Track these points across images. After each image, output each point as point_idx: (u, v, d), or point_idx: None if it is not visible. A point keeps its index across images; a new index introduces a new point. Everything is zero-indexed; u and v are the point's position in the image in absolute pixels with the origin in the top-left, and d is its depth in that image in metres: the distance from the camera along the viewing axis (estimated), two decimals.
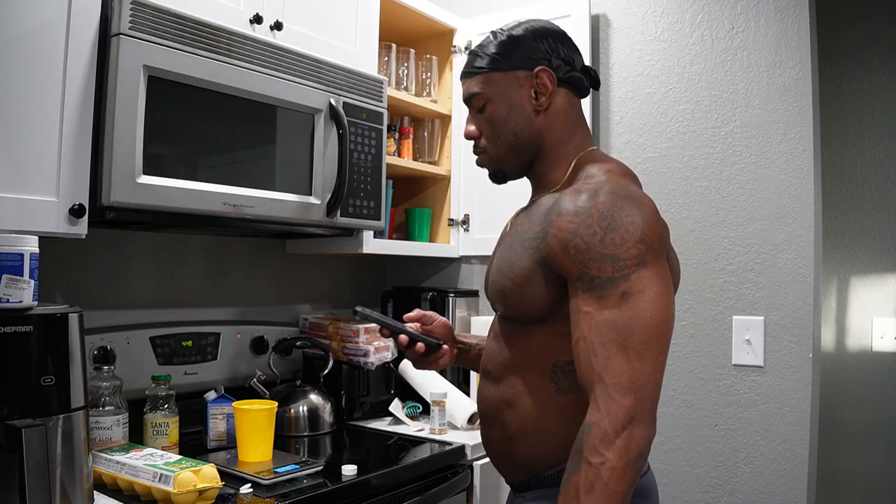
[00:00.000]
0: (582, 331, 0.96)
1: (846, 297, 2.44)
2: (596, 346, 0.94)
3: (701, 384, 1.93)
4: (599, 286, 0.96)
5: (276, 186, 1.57)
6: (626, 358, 0.93)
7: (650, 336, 0.94)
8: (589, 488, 0.90)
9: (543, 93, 1.12)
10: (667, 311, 0.96)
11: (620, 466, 0.90)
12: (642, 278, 0.95)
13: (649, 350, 0.93)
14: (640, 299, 0.94)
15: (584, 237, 0.97)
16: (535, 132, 1.14)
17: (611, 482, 0.90)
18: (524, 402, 1.11)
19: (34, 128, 1.21)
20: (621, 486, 0.90)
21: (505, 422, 1.14)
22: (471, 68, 1.16)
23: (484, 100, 1.15)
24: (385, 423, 1.97)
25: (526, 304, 1.08)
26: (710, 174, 1.95)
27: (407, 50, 2.17)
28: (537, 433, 1.10)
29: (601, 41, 2.13)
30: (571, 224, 0.99)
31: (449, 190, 2.28)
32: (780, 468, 1.80)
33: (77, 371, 1.12)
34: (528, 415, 1.11)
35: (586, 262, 0.97)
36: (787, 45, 1.85)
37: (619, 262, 0.95)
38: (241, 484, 1.36)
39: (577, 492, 0.91)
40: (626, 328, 0.93)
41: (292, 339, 2.00)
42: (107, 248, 1.70)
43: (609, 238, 0.96)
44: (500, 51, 1.13)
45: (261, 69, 1.52)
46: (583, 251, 0.97)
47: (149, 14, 1.31)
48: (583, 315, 0.97)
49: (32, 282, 1.08)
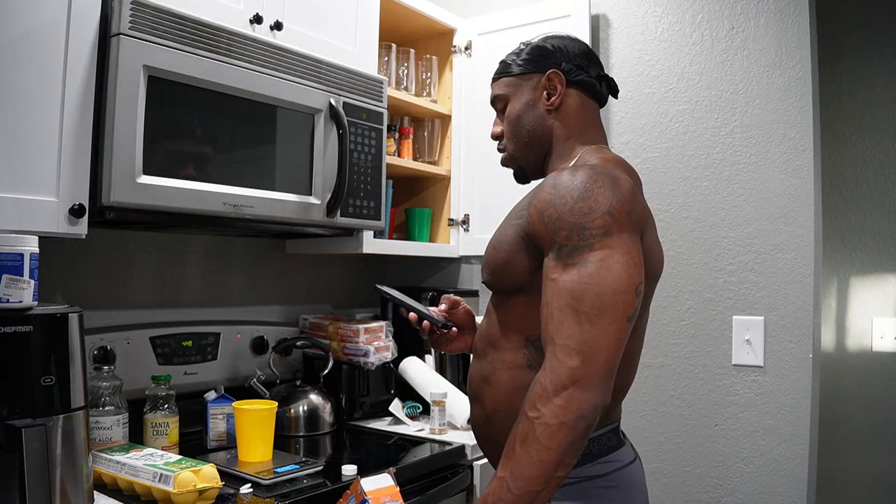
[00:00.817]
0: (546, 296, 1.01)
1: (846, 297, 2.44)
2: (554, 310, 0.98)
3: (701, 384, 1.93)
4: (566, 254, 1.00)
5: (276, 186, 1.57)
6: (577, 321, 0.96)
7: (604, 302, 0.96)
8: (523, 439, 0.95)
9: (554, 93, 1.20)
10: (624, 281, 0.97)
11: (554, 424, 0.93)
12: (605, 247, 0.98)
13: (602, 316, 0.95)
14: (600, 267, 0.97)
15: (557, 206, 1.03)
16: (547, 129, 1.21)
17: (542, 437, 0.93)
18: (500, 377, 1.15)
19: (34, 128, 1.21)
20: (553, 444, 0.93)
21: (484, 399, 1.18)
22: (496, 74, 1.27)
23: (504, 101, 1.25)
24: (385, 423, 1.97)
25: (506, 271, 1.12)
26: (710, 174, 1.95)
27: (407, 50, 2.17)
28: (509, 410, 1.10)
29: (601, 41, 2.13)
30: (548, 195, 1.05)
31: (449, 190, 2.28)
32: (780, 468, 1.80)
33: (77, 371, 1.12)
34: (502, 391, 1.14)
35: (556, 231, 1.02)
36: (787, 45, 1.85)
37: (584, 231, 0.99)
38: (241, 484, 1.36)
39: (514, 442, 0.96)
40: (581, 293, 0.97)
41: (292, 339, 2.00)
42: (107, 248, 1.70)
43: (578, 207, 1.01)
44: (519, 57, 1.24)
45: (261, 69, 1.52)
46: (554, 219, 1.02)
47: (149, 14, 1.31)
48: (549, 282, 1.01)
49: (32, 282, 1.08)
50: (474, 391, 1.21)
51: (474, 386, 1.21)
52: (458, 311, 1.37)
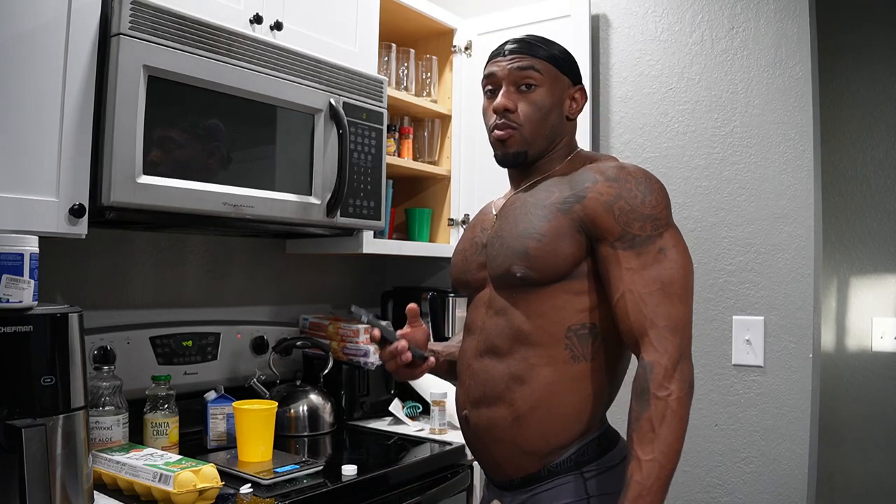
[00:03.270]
0: (626, 284, 1.09)
1: (846, 297, 2.44)
2: (644, 295, 1.07)
3: (701, 384, 1.93)
4: (640, 244, 1.10)
5: (275, 186, 1.57)
6: (671, 303, 1.07)
7: (687, 283, 1.10)
8: (661, 419, 1.02)
9: (577, 106, 1.26)
10: (691, 263, 1.12)
11: (682, 395, 1.04)
12: (672, 236, 1.11)
13: (687, 294, 1.09)
14: (675, 254, 1.10)
15: (627, 199, 1.11)
16: (562, 132, 1.26)
17: (678, 410, 1.03)
18: (538, 374, 1.14)
19: (34, 128, 1.21)
20: (685, 413, 1.04)
21: (514, 400, 1.15)
22: (532, 49, 1.22)
23: (538, 81, 1.21)
24: (385, 423, 1.97)
25: (550, 261, 1.14)
26: (710, 174, 1.95)
27: (407, 50, 2.17)
28: (551, 407, 1.14)
29: (601, 41, 2.13)
30: (612, 189, 1.13)
31: (449, 190, 2.28)
32: (780, 468, 1.80)
33: (77, 371, 1.12)
34: (541, 388, 1.14)
35: (630, 223, 1.10)
36: (787, 45, 1.85)
37: (657, 222, 1.11)
38: (241, 484, 1.36)
39: (652, 425, 1.03)
40: (669, 278, 1.08)
41: (292, 339, 2.00)
42: (107, 248, 1.70)
43: (648, 201, 1.11)
44: (562, 55, 1.24)
45: (261, 69, 1.52)
46: (626, 212, 1.11)
47: (149, 14, 1.31)
48: (626, 270, 1.09)
49: (32, 282, 1.08)
50: (499, 393, 1.16)
51: (500, 388, 1.16)
52: (417, 331, 1.32)
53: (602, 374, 1.15)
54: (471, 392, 1.22)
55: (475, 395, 1.21)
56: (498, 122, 1.22)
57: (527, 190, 1.24)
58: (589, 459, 1.15)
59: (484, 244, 1.26)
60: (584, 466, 1.14)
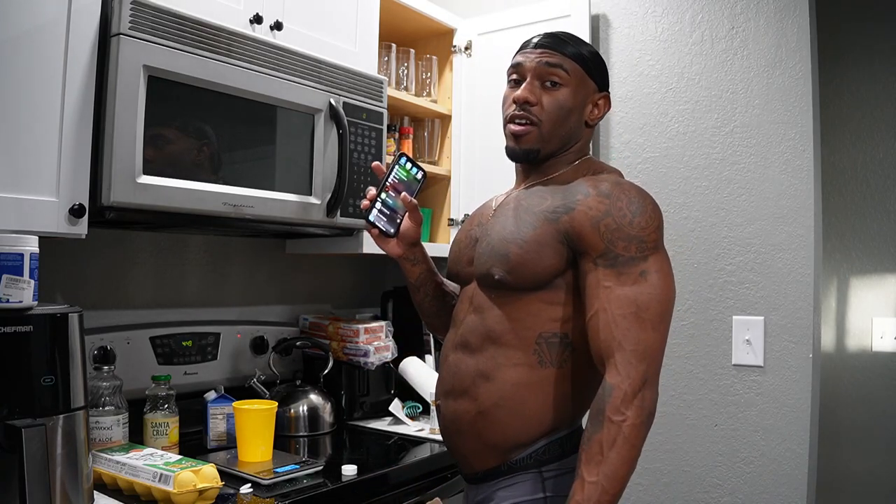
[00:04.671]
0: (602, 303, 1.07)
1: (846, 297, 2.44)
2: (617, 317, 1.06)
3: (701, 384, 1.93)
4: (622, 263, 1.08)
5: (275, 186, 1.57)
6: (642, 328, 1.05)
7: (663, 310, 1.07)
8: (611, 443, 1.01)
9: (599, 113, 1.24)
10: (673, 291, 1.10)
11: (638, 423, 1.02)
12: (657, 261, 1.09)
13: (662, 322, 1.07)
14: (657, 278, 1.08)
15: (615, 217, 1.09)
16: (576, 137, 1.24)
17: (630, 437, 1.02)
18: (504, 374, 1.15)
19: (34, 128, 1.21)
20: (638, 441, 1.03)
21: (479, 395, 1.17)
22: (562, 46, 1.20)
23: (563, 81, 1.19)
24: (385, 423, 1.97)
25: (529, 269, 1.14)
26: (710, 174, 1.95)
27: (407, 50, 2.17)
28: (514, 406, 1.14)
29: (601, 41, 2.13)
30: (601, 205, 1.11)
31: (449, 190, 2.28)
32: (780, 468, 1.80)
33: (77, 371, 1.12)
34: (506, 387, 1.15)
35: (613, 241, 1.09)
36: (787, 45, 1.85)
37: (642, 244, 1.08)
38: (241, 484, 1.36)
39: (601, 447, 1.02)
40: (645, 303, 1.06)
41: (292, 339, 2.00)
42: (107, 248, 1.70)
43: (637, 222, 1.09)
44: (592, 58, 1.23)
45: (261, 69, 1.52)
46: (613, 230, 1.09)
47: (149, 14, 1.31)
48: (603, 289, 1.08)
49: (32, 282, 1.08)
50: (465, 387, 1.19)
51: (467, 382, 1.19)
52: (412, 220, 1.35)
53: (568, 381, 1.15)
54: (443, 383, 1.25)
55: (447, 387, 1.24)
56: (516, 113, 1.20)
57: (527, 189, 1.25)
58: (550, 459, 1.15)
59: (476, 239, 1.27)
60: (545, 466, 1.15)
